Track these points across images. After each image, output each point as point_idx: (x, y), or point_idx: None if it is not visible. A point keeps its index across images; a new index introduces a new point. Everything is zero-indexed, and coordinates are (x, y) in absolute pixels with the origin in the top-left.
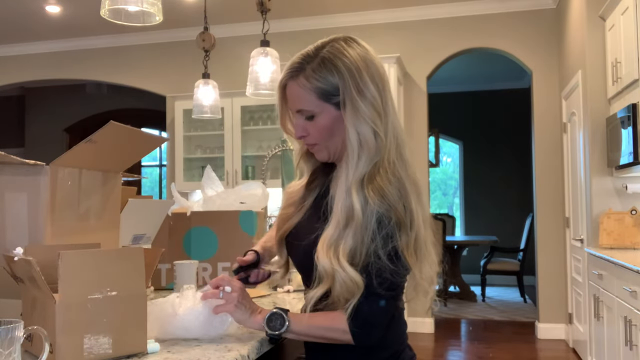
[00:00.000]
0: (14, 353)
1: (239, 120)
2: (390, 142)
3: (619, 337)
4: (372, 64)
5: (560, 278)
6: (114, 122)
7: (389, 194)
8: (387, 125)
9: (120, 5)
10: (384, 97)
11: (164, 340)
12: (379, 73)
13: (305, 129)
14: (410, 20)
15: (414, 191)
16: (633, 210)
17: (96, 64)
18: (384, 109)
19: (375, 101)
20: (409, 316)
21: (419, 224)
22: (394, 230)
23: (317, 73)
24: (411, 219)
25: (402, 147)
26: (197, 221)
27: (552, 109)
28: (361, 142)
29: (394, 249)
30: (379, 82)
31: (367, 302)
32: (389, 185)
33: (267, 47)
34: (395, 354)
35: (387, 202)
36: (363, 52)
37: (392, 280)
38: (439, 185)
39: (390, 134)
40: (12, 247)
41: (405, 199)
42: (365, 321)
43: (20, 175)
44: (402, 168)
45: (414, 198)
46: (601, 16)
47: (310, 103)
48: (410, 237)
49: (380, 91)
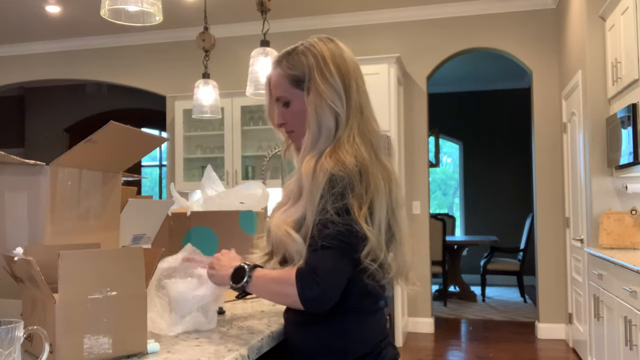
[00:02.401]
0: (14, 353)
1: (239, 120)
2: (354, 126)
3: (619, 337)
4: (340, 56)
5: (560, 278)
6: (114, 122)
7: (345, 160)
8: (350, 109)
9: (120, 5)
10: (348, 84)
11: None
12: (345, 64)
13: (283, 117)
14: (410, 20)
15: (379, 172)
16: (633, 210)
17: (96, 64)
18: (347, 93)
19: (337, 85)
20: (409, 316)
21: (379, 199)
22: (346, 191)
23: (290, 62)
24: (367, 188)
25: (370, 134)
26: (197, 221)
27: (552, 109)
28: (320, 124)
29: (345, 206)
30: (344, 71)
31: (313, 254)
32: (347, 155)
33: (267, 47)
34: (376, 350)
35: (341, 165)
36: (333, 46)
37: (340, 231)
38: (439, 185)
39: (354, 118)
40: (12, 247)
41: (363, 170)
42: (311, 272)
43: (20, 175)
44: (367, 151)
45: (378, 177)
46: (601, 16)
47: (284, 90)
48: (363, 204)
49: (344, 78)
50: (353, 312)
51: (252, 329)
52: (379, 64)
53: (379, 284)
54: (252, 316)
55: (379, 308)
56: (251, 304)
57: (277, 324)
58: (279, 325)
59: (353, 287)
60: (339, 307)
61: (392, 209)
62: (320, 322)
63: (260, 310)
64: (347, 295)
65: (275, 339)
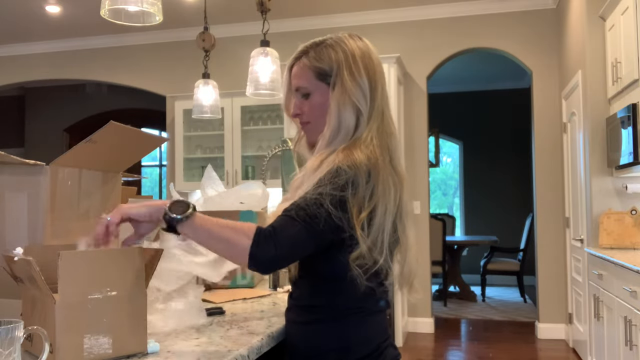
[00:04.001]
0: (14, 353)
1: (239, 120)
2: (373, 128)
3: (619, 337)
4: (369, 57)
5: (560, 278)
6: (114, 122)
7: (356, 158)
8: (373, 110)
9: (120, 5)
10: (374, 85)
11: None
12: (373, 65)
13: (300, 107)
14: (410, 20)
15: (390, 178)
16: (633, 210)
17: (96, 64)
18: (372, 94)
19: (364, 84)
20: (409, 316)
21: (384, 204)
22: (348, 186)
23: (318, 54)
24: (373, 191)
25: (388, 138)
26: None
27: (552, 109)
28: (341, 121)
29: (342, 200)
30: (371, 72)
31: (283, 219)
32: (360, 154)
33: (267, 47)
34: (377, 350)
35: (350, 161)
36: (363, 45)
37: (322, 216)
38: (439, 185)
39: (375, 120)
40: (12, 247)
41: (373, 172)
42: (271, 233)
43: (20, 175)
44: (381, 155)
45: (388, 182)
46: (601, 16)
47: (307, 81)
48: (364, 209)
49: (371, 79)
50: (354, 312)
51: (252, 329)
52: None
53: (379, 287)
54: (252, 316)
55: (380, 309)
56: (251, 304)
57: (277, 324)
58: (279, 326)
59: (354, 288)
60: (340, 308)
61: (400, 216)
62: (321, 322)
63: (260, 310)
64: (348, 296)
65: (275, 339)
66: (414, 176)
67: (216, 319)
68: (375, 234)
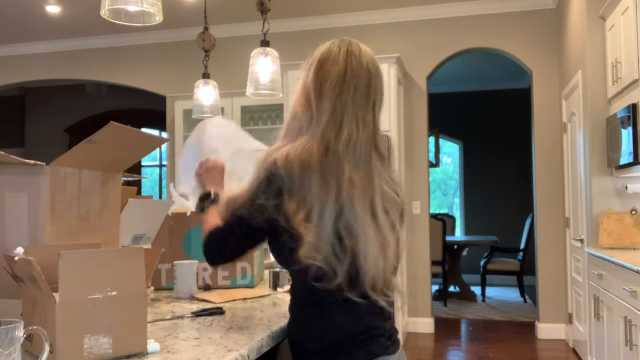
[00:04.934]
0: (14, 353)
1: (239, 120)
2: (319, 130)
3: (619, 337)
4: (330, 60)
5: (560, 278)
6: (114, 122)
7: (293, 157)
8: (320, 113)
9: (120, 5)
10: (322, 93)
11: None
12: (329, 69)
13: None
14: (410, 20)
15: (333, 180)
16: (633, 210)
17: (96, 64)
18: (320, 99)
19: (312, 88)
20: (409, 316)
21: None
22: (283, 189)
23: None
24: (308, 190)
25: (330, 139)
26: (197, 221)
27: (552, 109)
28: (293, 116)
29: (276, 203)
30: (327, 75)
31: (222, 229)
32: (298, 153)
33: (267, 47)
34: (327, 350)
35: (285, 160)
36: (327, 50)
37: (236, 212)
38: (439, 185)
39: (320, 123)
40: (12, 247)
41: (307, 170)
42: (212, 234)
43: (20, 175)
44: (329, 155)
45: (325, 185)
46: (601, 16)
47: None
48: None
49: (322, 85)
50: (313, 304)
51: (252, 329)
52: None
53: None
54: (252, 316)
55: (347, 299)
56: (251, 304)
57: (277, 324)
58: (279, 325)
59: (308, 281)
60: (301, 299)
61: (347, 219)
62: (292, 313)
63: (260, 310)
64: (305, 289)
65: (275, 339)
66: (414, 176)
67: (216, 319)
68: (316, 233)
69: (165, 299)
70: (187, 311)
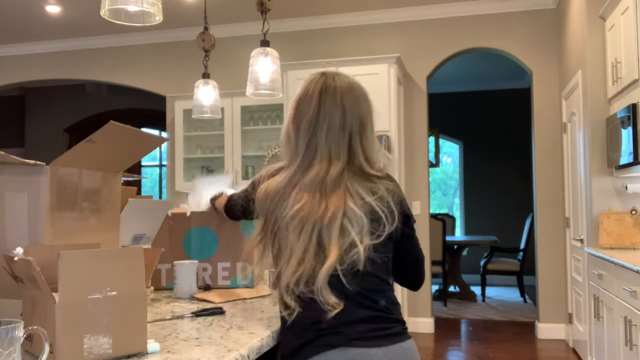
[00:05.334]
0: (14, 353)
1: (239, 120)
2: (296, 169)
3: (619, 337)
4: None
5: (560, 278)
6: (114, 122)
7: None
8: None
9: (120, 5)
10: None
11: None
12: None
13: None
14: (410, 20)
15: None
16: (633, 210)
17: (96, 64)
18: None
19: (294, 122)
20: (409, 316)
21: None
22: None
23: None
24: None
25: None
26: (197, 221)
27: (552, 109)
28: (283, 140)
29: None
30: (308, 113)
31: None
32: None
33: (267, 47)
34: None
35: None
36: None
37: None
38: (439, 185)
39: (300, 157)
40: (12, 247)
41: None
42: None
43: (20, 175)
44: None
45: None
46: (601, 16)
47: None
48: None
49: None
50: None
51: (252, 329)
52: (379, 64)
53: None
54: (252, 316)
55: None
56: (251, 304)
57: (277, 324)
58: (279, 326)
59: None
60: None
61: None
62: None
63: (260, 310)
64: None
65: (275, 339)
66: (414, 176)
67: (216, 319)
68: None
69: (165, 299)
70: (187, 311)
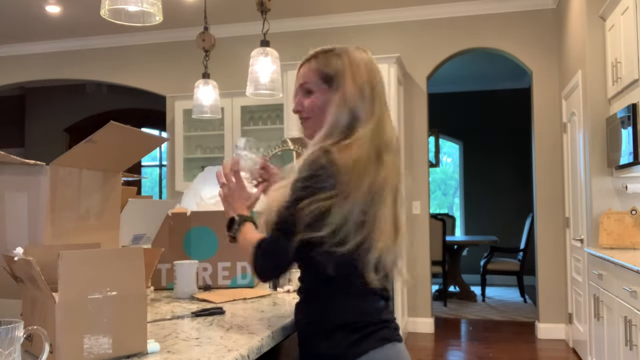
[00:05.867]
0: (14, 353)
1: (239, 120)
2: (367, 132)
3: (619, 337)
4: (371, 68)
5: (560, 278)
6: (114, 122)
7: (335, 156)
8: (370, 117)
9: (120, 5)
10: (372, 93)
11: None
12: (374, 76)
13: (301, 104)
14: (410, 20)
15: (367, 178)
16: (633, 210)
17: (96, 64)
18: (371, 102)
19: (364, 92)
20: (409, 316)
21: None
22: (318, 185)
23: (325, 59)
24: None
25: (380, 141)
26: (197, 221)
27: (552, 109)
28: (337, 123)
29: (301, 197)
30: (373, 81)
31: (269, 233)
32: (342, 153)
33: (267, 47)
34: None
35: (328, 157)
36: (367, 57)
37: (285, 219)
38: (439, 185)
39: (368, 128)
40: (12, 247)
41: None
42: (260, 246)
43: (20, 175)
44: (368, 163)
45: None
46: (601, 16)
47: (311, 80)
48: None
49: (373, 88)
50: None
51: (252, 329)
52: (379, 64)
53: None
54: (252, 316)
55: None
56: (251, 304)
57: (277, 324)
58: (279, 326)
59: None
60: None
61: (374, 204)
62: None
63: (260, 310)
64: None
65: (275, 339)
66: (414, 176)
67: (216, 319)
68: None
69: (165, 299)
70: (187, 311)
